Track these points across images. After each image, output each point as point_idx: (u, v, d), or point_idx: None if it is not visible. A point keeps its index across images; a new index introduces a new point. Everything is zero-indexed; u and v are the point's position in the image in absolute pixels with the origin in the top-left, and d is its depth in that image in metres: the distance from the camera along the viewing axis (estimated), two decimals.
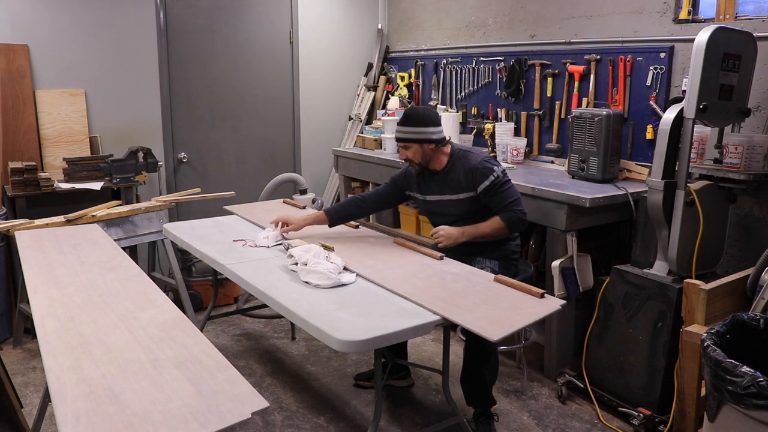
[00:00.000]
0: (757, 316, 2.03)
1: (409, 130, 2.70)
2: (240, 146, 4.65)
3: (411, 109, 2.81)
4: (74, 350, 1.56)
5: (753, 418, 1.66)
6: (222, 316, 3.62)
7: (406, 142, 2.72)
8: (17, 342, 3.42)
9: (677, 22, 3.15)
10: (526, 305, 2.06)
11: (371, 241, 2.85)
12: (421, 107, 2.82)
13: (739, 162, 2.65)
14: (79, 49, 3.88)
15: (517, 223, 2.64)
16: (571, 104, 3.63)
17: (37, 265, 2.27)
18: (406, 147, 2.73)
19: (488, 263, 2.65)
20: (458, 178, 2.70)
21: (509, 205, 2.62)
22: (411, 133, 2.69)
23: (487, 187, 2.62)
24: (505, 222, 2.62)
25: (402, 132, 2.73)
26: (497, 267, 2.65)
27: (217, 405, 1.30)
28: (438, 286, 2.23)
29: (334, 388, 3.06)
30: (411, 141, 2.70)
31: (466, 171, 2.68)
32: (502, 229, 2.63)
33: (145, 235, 3.50)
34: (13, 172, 3.43)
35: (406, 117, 2.74)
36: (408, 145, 2.72)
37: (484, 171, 2.63)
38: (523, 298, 2.12)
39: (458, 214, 2.72)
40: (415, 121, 2.69)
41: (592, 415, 2.80)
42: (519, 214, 2.63)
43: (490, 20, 4.23)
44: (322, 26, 4.88)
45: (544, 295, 2.12)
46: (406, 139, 2.71)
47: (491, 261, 2.67)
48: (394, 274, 2.35)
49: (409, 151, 2.72)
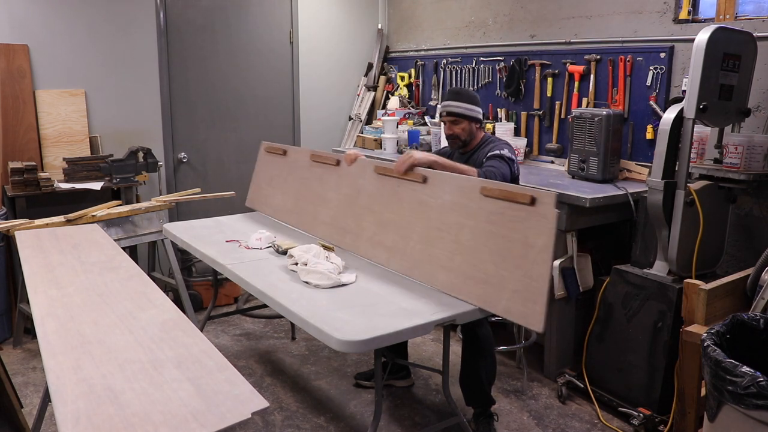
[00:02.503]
0: (757, 316, 2.03)
1: (462, 106, 2.72)
2: (240, 146, 4.65)
3: (458, 87, 2.81)
4: (74, 350, 1.56)
5: (753, 418, 1.66)
6: (222, 316, 3.62)
7: (458, 117, 2.73)
8: (17, 342, 3.42)
9: (677, 22, 3.15)
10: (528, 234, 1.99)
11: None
12: (464, 88, 2.81)
13: (739, 162, 2.65)
14: (79, 49, 3.88)
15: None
16: (571, 104, 3.64)
17: (37, 265, 2.27)
18: (455, 122, 2.74)
19: None
20: (477, 159, 2.74)
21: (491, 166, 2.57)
22: (464, 108, 2.72)
23: (488, 157, 2.64)
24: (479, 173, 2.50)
25: (455, 106, 2.73)
26: None
27: (217, 405, 1.30)
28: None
29: (334, 388, 3.06)
30: (463, 117, 2.73)
31: (485, 152, 2.72)
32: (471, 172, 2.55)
33: (145, 235, 3.50)
34: (13, 172, 3.43)
35: (456, 93, 2.76)
36: (459, 121, 2.73)
37: (494, 149, 2.68)
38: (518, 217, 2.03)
39: None
40: (467, 98, 2.73)
41: (592, 415, 2.80)
42: (490, 175, 2.52)
43: (490, 20, 4.23)
44: (322, 26, 4.88)
45: (534, 201, 2.01)
46: (460, 114, 2.73)
47: None
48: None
49: (459, 126, 2.75)
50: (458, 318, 2.01)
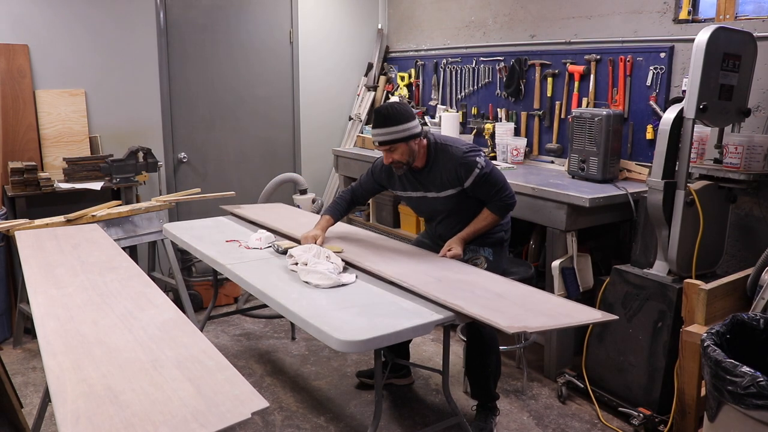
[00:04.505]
0: (757, 316, 2.03)
1: (393, 131, 2.48)
2: (240, 146, 4.65)
3: (384, 108, 2.56)
4: (74, 350, 1.56)
5: (753, 418, 1.66)
6: (222, 316, 3.62)
7: (392, 143, 2.50)
8: (17, 342, 3.42)
9: (677, 22, 3.15)
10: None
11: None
12: (392, 104, 2.59)
13: (739, 162, 2.65)
14: (79, 49, 3.88)
15: (506, 209, 2.64)
16: (571, 104, 3.63)
17: (37, 265, 2.27)
18: (391, 149, 2.51)
19: (482, 252, 2.66)
20: (441, 176, 2.60)
21: (496, 194, 2.59)
22: (395, 132, 2.48)
23: (473, 182, 2.55)
24: (496, 213, 2.61)
25: (385, 134, 2.49)
26: (491, 255, 2.66)
27: (217, 405, 1.30)
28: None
29: (334, 388, 3.06)
30: (397, 141, 2.49)
31: (449, 167, 2.56)
32: (496, 220, 2.64)
33: (145, 235, 3.50)
34: (13, 172, 3.43)
35: (383, 117, 2.50)
36: (394, 147, 2.50)
37: (468, 165, 2.53)
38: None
39: (446, 209, 2.68)
40: (395, 119, 2.48)
41: (592, 415, 2.80)
42: (507, 200, 2.61)
43: (490, 20, 4.23)
44: (322, 26, 4.88)
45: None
46: (392, 141, 2.49)
47: (485, 249, 2.67)
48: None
49: (396, 152, 2.51)
50: (458, 318, 2.01)
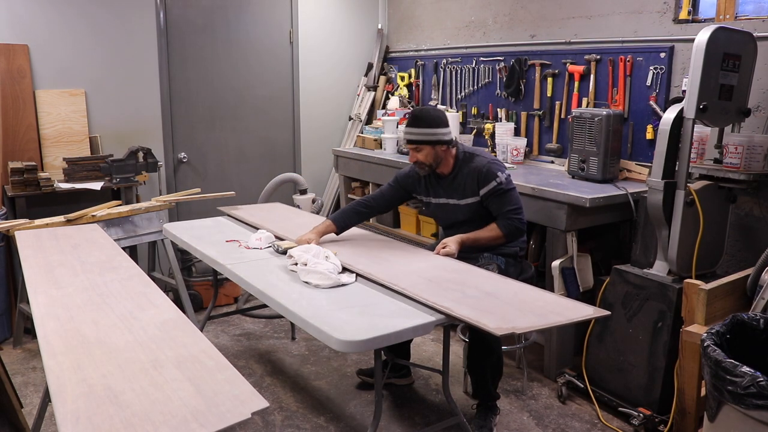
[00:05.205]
0: (757, 316, 2.03)
1: (421, 132, 2.60)
2: (240, 146, 4.65)
3: (420, 110, 2.70)
4: (74, 350, 1.56)
5: (753, 418, 1.66)
6: (222, 316, 3.62)
7: (419, 144, 2.61)
8: (17, 342, 3.42)
9: (677, 22, 3.15)
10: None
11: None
12: (429, 108, 2.68)
13: (739, 162, 2.65)
14: (79, 49, 3.88)
15: (514, 232, 2.63)
16: (571, 104, 3.63)
17: (37, 265, 2.27)
18: (417, 149, 2.62)
19: (495, 259, 2.64)
20: (464, 183, 2.67)
21: (508, 212, 2.61)
22: (423, 134, 2.59)
23: (489, 192, 2.61)
24: (502, 230, 2.61)
25: (413, 134, 2.62)
26: (503, 264, 2.65)
27: (217, 405, 1.30)
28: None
29: (334, 388, 3.06)
30: (423, 143, 2.60)
31: (472, 175, 2.64)
32: (500, 238, 2.62)
33: (145, 235, 3.50)
34: (13, 172, 3.43)
35: (416, 118, 2.63)
36: (420, 147, 2.61)
37: (488, 175, 2.61)
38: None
39: (464, 219, 2.71)
40: (426, 122, 2.60)
41: (592, 415, 2.80)
42: (517, 223, 2.61)
43: (490, 20, 4.23)
44: (322, 26, 4.88)
45: None
46: (419, 141, 2.61)
47: (498, 258, 2.66)
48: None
49: (421, 153, 2.62)
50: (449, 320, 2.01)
